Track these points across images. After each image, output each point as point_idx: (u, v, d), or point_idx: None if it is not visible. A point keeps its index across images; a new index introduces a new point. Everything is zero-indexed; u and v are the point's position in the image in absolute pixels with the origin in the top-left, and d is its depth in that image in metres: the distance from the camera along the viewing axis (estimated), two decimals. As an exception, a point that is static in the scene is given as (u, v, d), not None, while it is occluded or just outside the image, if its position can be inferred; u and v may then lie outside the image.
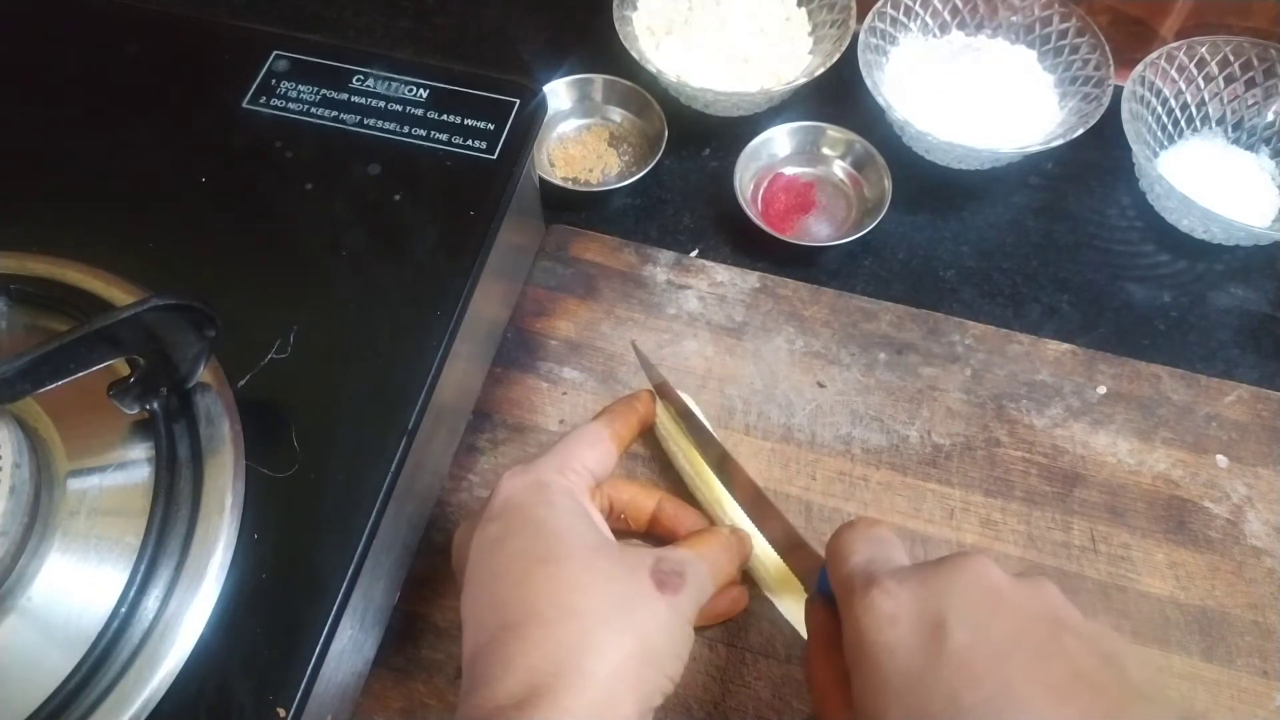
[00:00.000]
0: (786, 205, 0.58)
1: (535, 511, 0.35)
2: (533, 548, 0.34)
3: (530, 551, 0.34)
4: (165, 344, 0.38)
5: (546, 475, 0.37)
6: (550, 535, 0.34)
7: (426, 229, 0.46)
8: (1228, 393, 0.52)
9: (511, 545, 0.34)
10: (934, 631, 0.30)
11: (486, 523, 0.35)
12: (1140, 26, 0.63)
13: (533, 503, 0.35)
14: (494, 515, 0.35)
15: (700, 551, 0.37)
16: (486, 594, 0.33)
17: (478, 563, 0.35)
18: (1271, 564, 0.47)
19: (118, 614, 0.35)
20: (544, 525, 0.34)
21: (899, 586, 0.31)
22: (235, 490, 0.39)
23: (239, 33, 0.53)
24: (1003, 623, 0.30)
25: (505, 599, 0.33)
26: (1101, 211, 0.60)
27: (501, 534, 0.35)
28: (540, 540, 0.34)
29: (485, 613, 0.33)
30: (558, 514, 0.35)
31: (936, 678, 0.29)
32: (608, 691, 0.30)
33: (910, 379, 0.52)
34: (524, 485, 0.36)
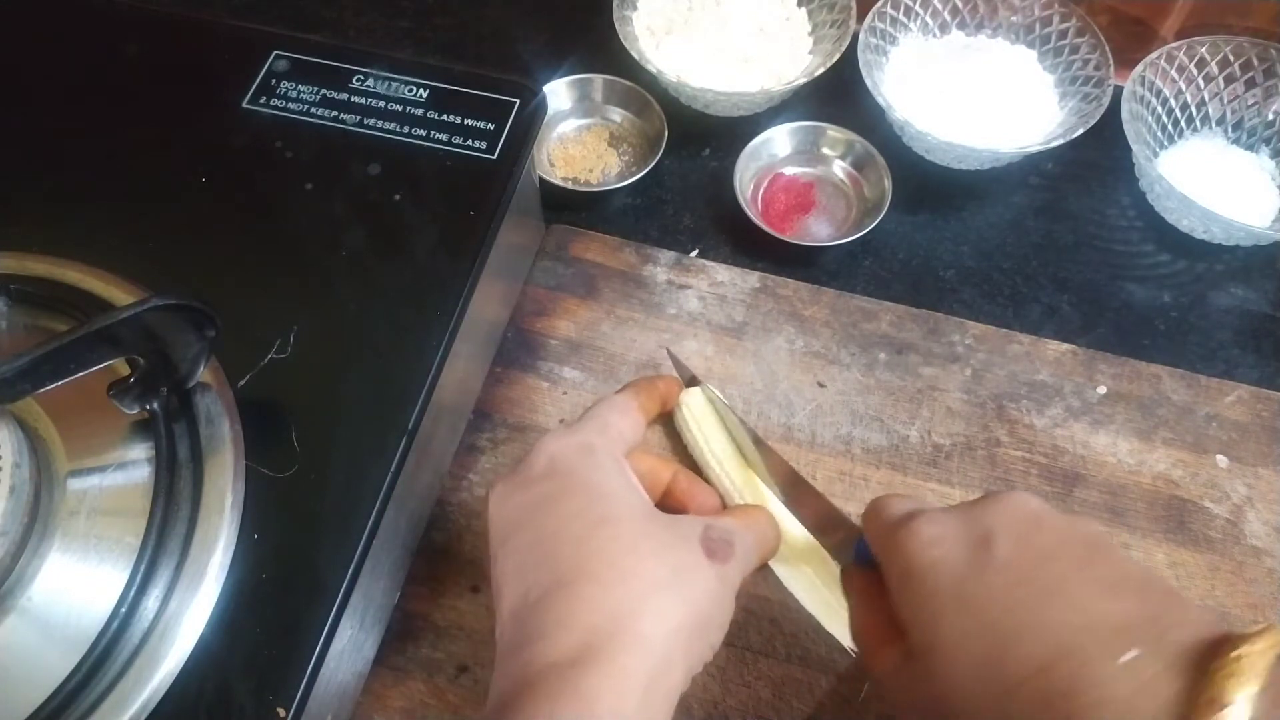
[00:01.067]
0: (786, 205, 0.58)
1: (587, 474, 0.35)
2: (588, 509, 0.33)
3: (586, 513, 0.33)
4: (165, 344, 0.38)
5: (591, 438, 0.36)
6: (605, 498, 0.34)
7: (426, 229, 0.46)
8: (1228, 393, 0.52)
9: (565, 506, 0.34)
10: (979, 546, 0.31)
11: (532, 483, 0.35)
12: (1140, 26, 0.63)
13: (583, 465, 0.35)
14: (540, 475, 0.35)
15: (747, 523, 0.37)
16: (537, 552, 0.33)
17: (525, 521, 0.34)
18: (1271, 564, 0.47)
19: (118, 614, 0.35)
20: (598, 488, 0.34)
21: (942, 514, 0.33)
22: (235, 490, 0.39)
23: (239, 33, 0.53)
24: (1045, 537, 0.31)
25: (560, 557, 0.32)
26: (1101, 211, 0.60)
27: (553, 494, 0.34)
28: (596, 503, 0.34)
29: (535, 570, 0.32)
30: (609, 477, 0.35)
31: (986, 583, 0.30)
32: (664, 655, 0.30)
33: (910, 379, 0.52)
34: (571, 448, 0.36)
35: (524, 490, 0.35)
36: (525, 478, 0.35)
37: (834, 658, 0.44)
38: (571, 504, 0.34)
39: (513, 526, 0.34)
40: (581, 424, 0.37)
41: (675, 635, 0.31)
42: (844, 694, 0.43)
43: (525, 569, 0.33)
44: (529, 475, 0.35)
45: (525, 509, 0.34)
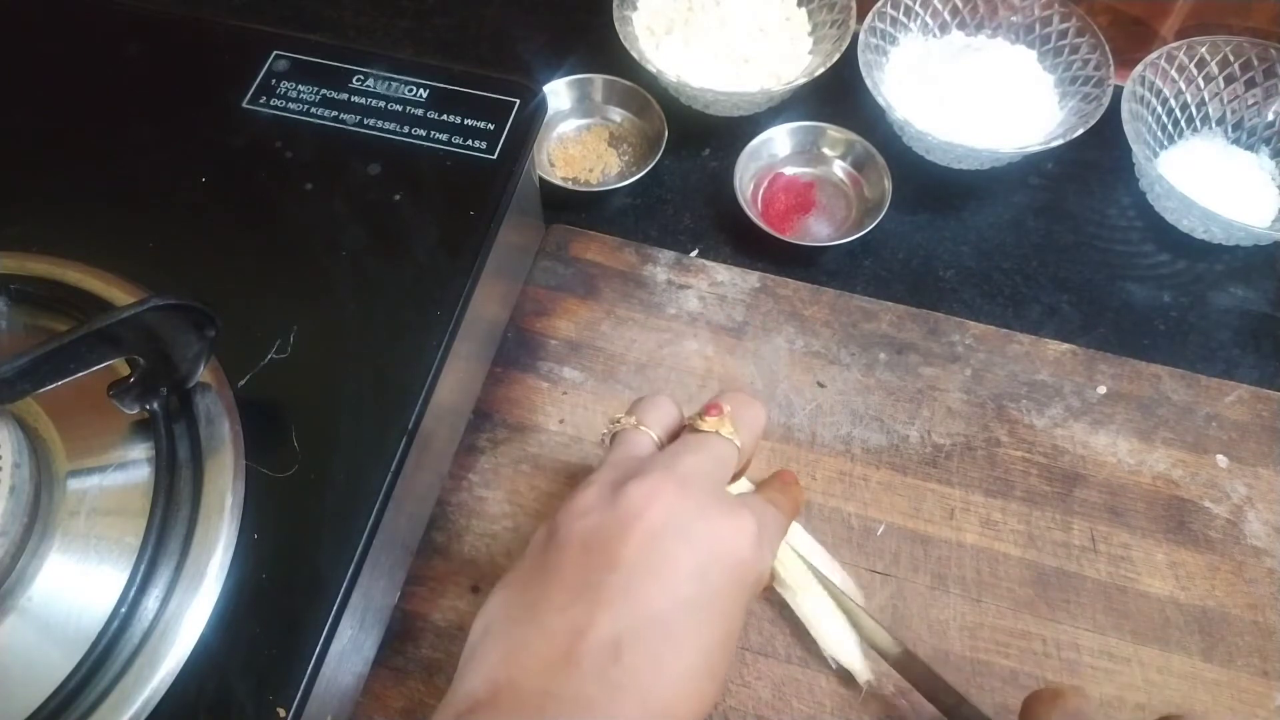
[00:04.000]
0: (786, 205, 0.58)
1: (738, 612, 0.32)
2: (711, 646, 0.31)
3: (707, 649, 0.30)
4: (165, 344, 0.38)
5: (768, 567, 0.34)
6: (726, 647, 0.31)
7: (426, 229, 0.46)
8: (1228, 393, 0.52)
9: (711, 622, 0.31)
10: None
11: (713, 559, 0.31)
12: (1140, 26, 0.63)
13: (746, 596, 0.32)
14: (723, 561, 0.31)
15: None
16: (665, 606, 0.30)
17: (667, 571, 0.31)
18: (1271, 564, 0.47)
19: (118, 614, 0.35)
20: (731, 633, 0.31)
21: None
22: (235, 490, 0.39)
23: (239, 33, 0.53)
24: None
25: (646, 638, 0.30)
26: (1101, 211, 0.60)
27: (714, 593, 0.31)
28: (721, 645, 0.31)
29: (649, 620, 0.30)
30: (742, 623, 0.32)
31: None
32: None
33: (910, 379, 0.52)
34: (757, 567, 0.32)
35: (703, 533, 0.31)
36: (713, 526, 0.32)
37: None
38: (720, 618, 0.31)
39: (674, 553, 0.31)
40: (773, 529, 0.34)
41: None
42: (844, 694, 0.43)
43: (649, 614, 0.30)
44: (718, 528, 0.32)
45: (695, 565, 0.31)
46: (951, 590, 0.46)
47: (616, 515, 0.31)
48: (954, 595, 0.46)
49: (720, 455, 0.34)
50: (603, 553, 0.30)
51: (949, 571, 0.46)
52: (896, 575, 0.46)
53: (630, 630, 0.29)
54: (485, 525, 0.48)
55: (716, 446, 0.34)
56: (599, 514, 0.31)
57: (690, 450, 0.34)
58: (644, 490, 0.31)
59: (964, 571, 0.46)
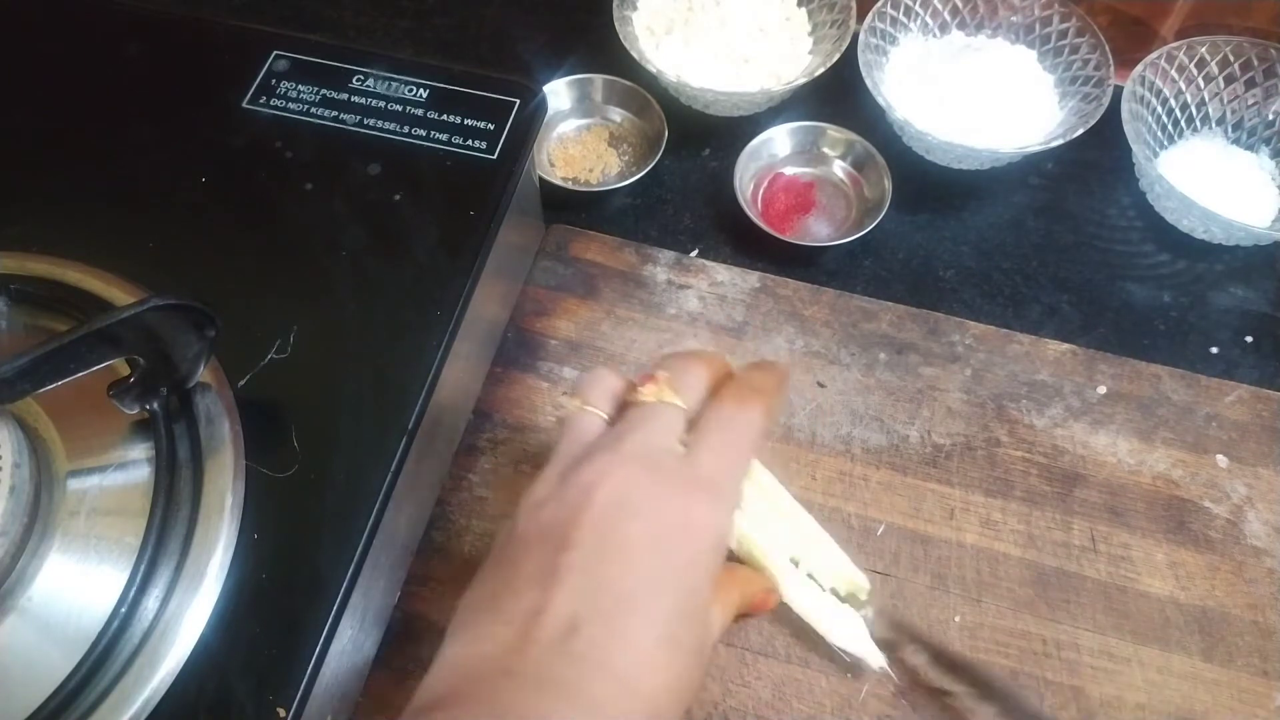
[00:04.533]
0: (786, 205, 0.58)
1: (701, 579, 0.32)
2: (672, 615, 0.31)
3: (669, 617, 0.31)
4: (165, 344, 0.38)
5: (728, 530, 0.34)
6: (692, 616, 0.31)
7: (426, 229, 0.46)
8: (1228, 393, 0.52)
9: (670, 589, 0.31)
10: None
11: (666, 529, 0.32)
12: (1140, 26, 0.63)
13: (707, 562, 0.32)
14: (676, 529, 0.32)
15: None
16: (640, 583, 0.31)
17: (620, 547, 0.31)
18: (1271, 564, 0.47)
19: (118, 614, 0.35)
20: (695, 601, 0.32)
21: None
22: (235, 490, 0.39)
23: (239, 33, 0.53)
24: None
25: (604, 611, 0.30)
26: (1101, 211, 0.60)
27: (670, 562, 0.31)
28: (685, 614, 0.31)
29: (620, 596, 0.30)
30: (708, 592, 0.32)
31: None
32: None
33: (910, 379, 0.52)
34: (713, 531, 0.33)
35: (654, 503, 0.32)
36: (662, 496, 0.32)
37: (834, 658, 0.44)
38: (679, 585, 0.31)
39: (625, 528, 0.31)
40: (728, 486, 0.34)
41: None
42: (844, 694, 0.43)
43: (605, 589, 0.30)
44: (668, 497, 0.32)
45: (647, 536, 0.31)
46: (951, 590, 0.46)
47: (568, 500, 0.31)
48: (954, 595, 0.46)
49: (664, 423, 0.34)
50: (557, 537, 0.31)
51: (949, 571, 0.46)
52: (896, 575, 0.46)
53: (587, 605, 0.29)
54: (485, 525, 0.48)
55: (660, 415, 0.34)
56: (552, 502, 0.32)
57: (633, 425, 0.34)
58: (592, 472, 0.32)
59: (964, 571, 0.46)
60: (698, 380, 0.36)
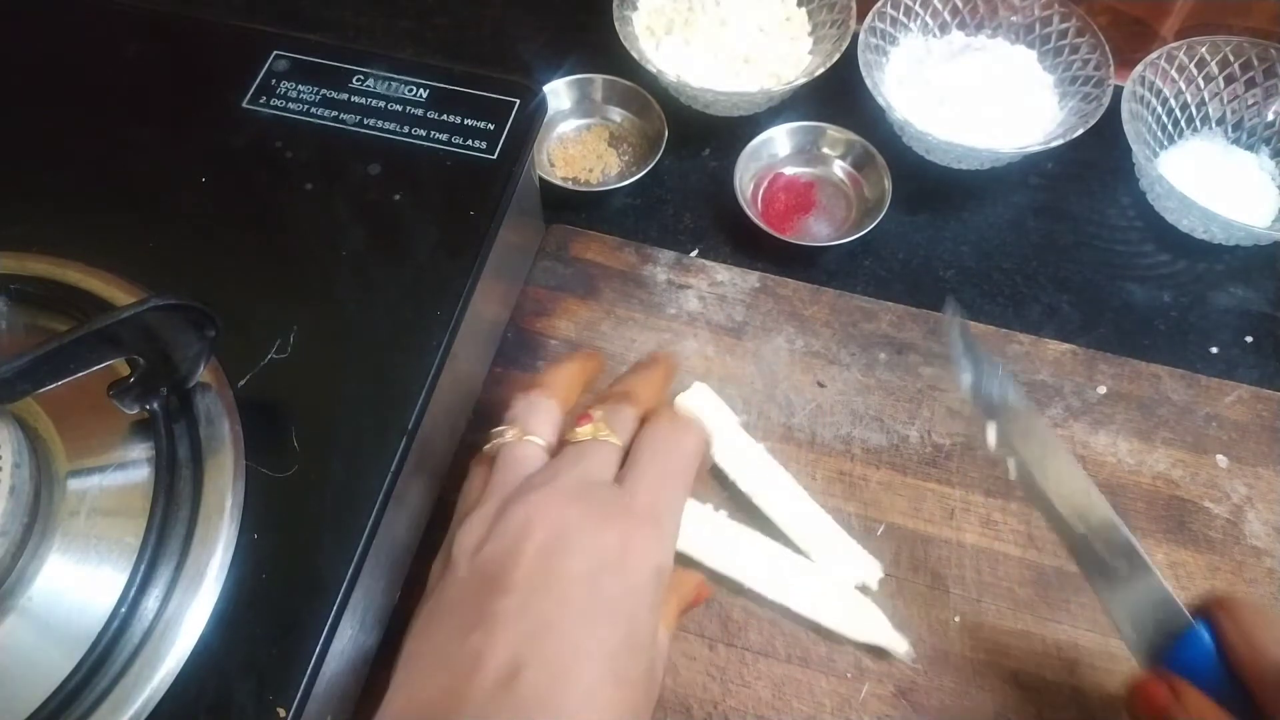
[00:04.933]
0: (786, 205, 0.58)
1: (642, 611, 0.32)
2: (615, 649, 0.31)
3: (612, 652, 0.31)
4: (165, 344, 0.38)
5: (669, 558, 0.33)
6: (635, 649, 0.31)
7: (426, 229, 0.46)
8: (1228, 393, 0.52)
9: (610, 624, 0.31)
10: None
11: (603, 564, 0.32)
12: (1140, 26, 0.63)
13: (648, 593, 0.32)
14: (613, 563, 0.32)
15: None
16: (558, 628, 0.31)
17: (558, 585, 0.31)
18: (1271, 564, 0.47)
19: (118, 614, 0.35)
20: (639, 633, 0.32)
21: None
22: (235, 490, 0.39)
23: (239, 33, 0.53)
24: None
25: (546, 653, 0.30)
26: (1101, 211, 0.60)
27: (609, 598, 0.31)
28: (628, 647, 0.31)
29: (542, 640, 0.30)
30: (652, 622, 0.33)
31: None
32: None
33: (910, 379, 0.52)
34: (651, 561, 0.32)
35: (591, 538, 0.32)
36: (599, 530, 0.32)
37: (834, 658, 0.44)
38: (620, 619, 0.31)
39: (562, 565, 0.31)
40: (666, 514, 0.33)
41: None
42: (844, 694, 0.43)
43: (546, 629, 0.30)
44: (604, 531, 0.32)
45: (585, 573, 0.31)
46: (951, 590, 0.46)
47: (505, 540, 0.31)
48: (954, 595, 0.46)
49: (600, 459, 0.34)
50: (496, 579, 0.31)
51: (949, 571, 0.46)
52: (896, 575, 0.46)
53: (528, 649, 0.29)
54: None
55: (595, 451, 0.35)
56: (490, 542, 0.32)
57: (569, 462, 0.34)
58: (527, 510, 0.32)
59: (964, 571, 0.46)
60: (630, 417, 0.36)
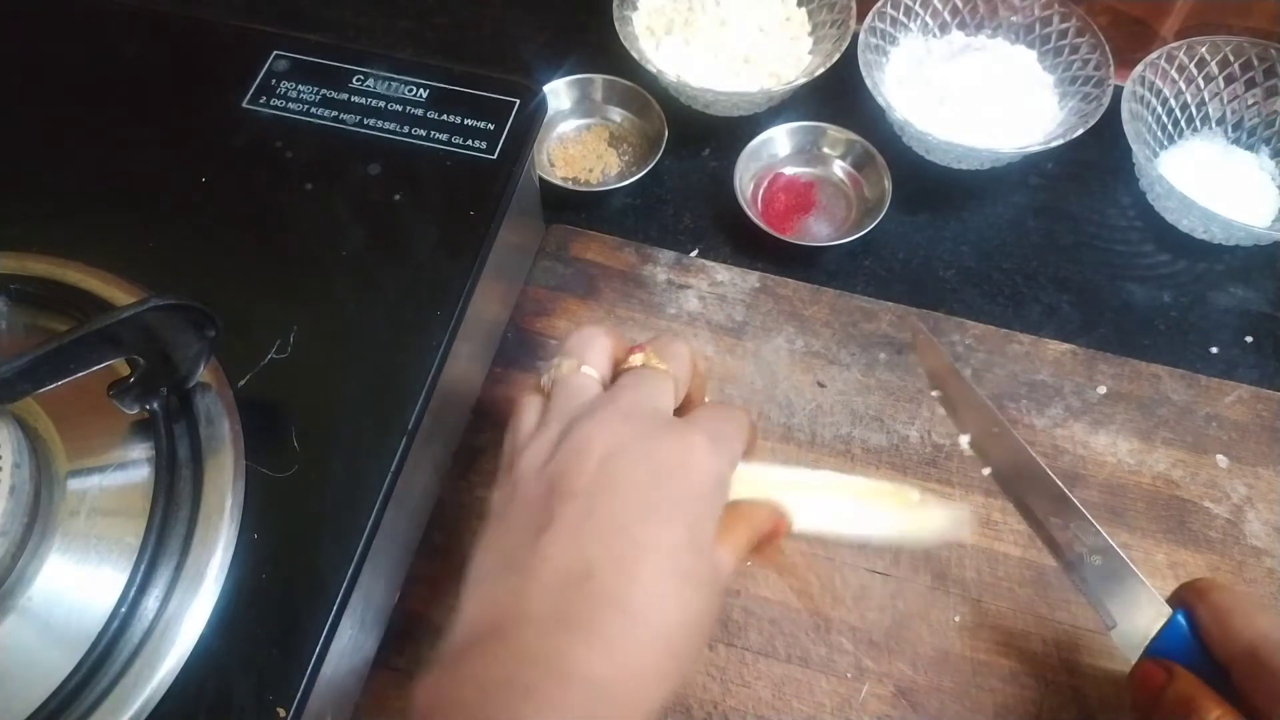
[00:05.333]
0: (786, 205, 0.58)
1: (705, 514, 0.33)
2: (680, 549, 0.31)
3: (677, 552, 0.31)
4: (165, 344, 0.38)
5: (728, 474, 0.34)
6: (700, 552, 0.32)
7: (426, 229, 0.46)
8: (1228, 393, 0.52)
9: (675, 524, 0.32)
10: None
11: (666, 470, 0.32)
12: (1140, 26, 0.63)
13: (709, 498, 0.33)
14: (675, 468, 0.32)
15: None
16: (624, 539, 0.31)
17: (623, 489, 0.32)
18: (1271, 564, 0.47)
19: (118, 614, 0.35)
20: (701, 537, 0.32)
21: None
22: (235, 490, 0.39)
23: (239, 33, 0.53)
24: None
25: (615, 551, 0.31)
26: (1101, 211, 0.60)
27: (673, 499, 0.32)
28: (692, 549, 0.32)
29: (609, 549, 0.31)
30: (713, 529, 0.33)
31: None
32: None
33: (910, 379, 0.52)
34: (712, 469, 0.33)
35: (652, 447, 0.32)
36: (660, 442, 0.32)
37: (834, 658, 0.44)
38: (684, 520, 0.31)
39: (627, 472, 0.32)
40: (724, 439, 0.34)
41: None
42: (844, 694, 0.43)
43: (615, 530, 0.31)
44: (665, 442, 0.32)
45: (649, 478, 0.32)
46: (951, 590, 0.46)
47: (568, 453, 0.32)
48: (954, 595, 0.46)
49: (655, 384, 0.35)
50: (560, 488, 0.32)
51: (949, 571, 0.46)
52: (896, 575, 0.46)
53: (593, 548, 0.30)
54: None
55: (650, 378, 0.35)
56: (554, 460, 0.33)
57: (626, 387, 0.35)
58: (590, 426, 0.33)
59: (964, 571, 0.46)
60: (681, 356, 0.37)
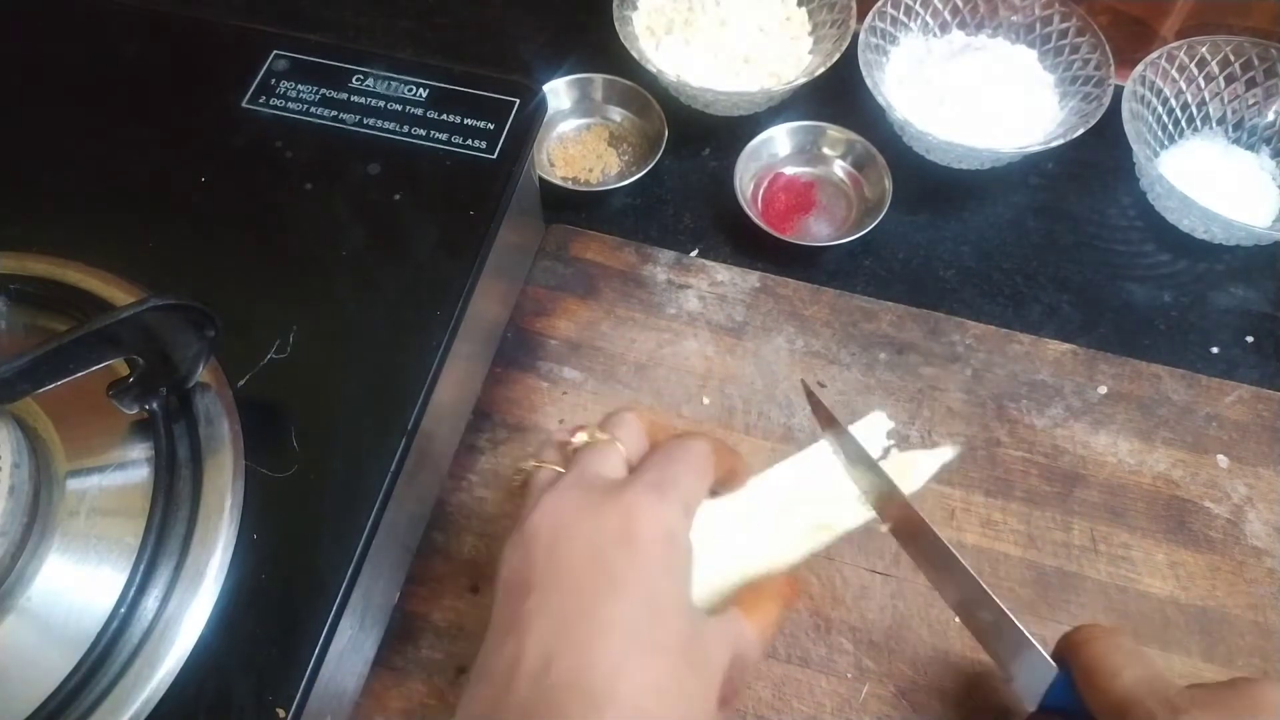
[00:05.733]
0: (787, 205, 0.58)
1: (657, 576, 0.32)
2: (636, 618, 0.30)
3: (632, 622, 0.30)
4: (165, 344, 0.38)
5: (679, 523, 0.33)
6: (659, 615, 0.31)
7: (426, 229, 0.46)
8: (1228, 393, 0.52)
9: (625, 595, 0.31)
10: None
11: (608, 541, 0.32)
12: (1140, 26, 0.63)
13: (660, 558, 0.32)
14: (617, 537, 0.32)
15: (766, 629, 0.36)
16: (581, 611, 0.31)
17: (586, 564, 0.31)
18: (1272, 564, 0.47)
19: (117, 614, 0.35)
20: (660, 599, 0.31)
21: (1205, 714, 0.32)
22: (235, 490, 0.39)
23: (239, 33, 0.53)
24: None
25: (604, 648, 0.30)
26: (1102, 211, 0.60)
27: (619, 570, 0.31)
28: (649, 614, 0.31)
29: (572, 629, 0.30)
30: (675, 588, 0.32)
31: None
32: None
33: (910, 379, 0.52)
34: (658, 527, 0.32)
35: (592, 522, 0.32)
36: (602, 524, 0.32)
37: (834, 658, 0.44)
38: (627, 599, 0.31)
39: (569, 553, 0.32)
40: (669, 486, 0.34)
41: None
42: (844, 694, 0.43)
43: (566, 617, 0.30)
44: (605, 524, 0.32)
45: (581, 558, 0.32)
46: (952, 590, 0.46)
47: (522, 548, 0.33)
48: (954, 595, 0.46)
49: (599, 455, 0.36)
50: (518, 586, 0.32)
51: (949, 571, 0.46)
52: (896, 575, 0.46)
53: (554, 640, 0.30)
54: (485, 525, 0.48)
55: (594, 450, 0.36)
56: (514, 555, 0.33)
57: (572, 466, 0.36)
58: (536, 516, 0.33)
59: (964, 571, 0.46)
60: (627, 423, 0.37)
